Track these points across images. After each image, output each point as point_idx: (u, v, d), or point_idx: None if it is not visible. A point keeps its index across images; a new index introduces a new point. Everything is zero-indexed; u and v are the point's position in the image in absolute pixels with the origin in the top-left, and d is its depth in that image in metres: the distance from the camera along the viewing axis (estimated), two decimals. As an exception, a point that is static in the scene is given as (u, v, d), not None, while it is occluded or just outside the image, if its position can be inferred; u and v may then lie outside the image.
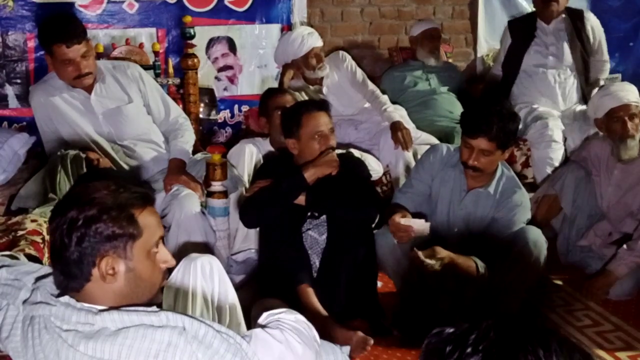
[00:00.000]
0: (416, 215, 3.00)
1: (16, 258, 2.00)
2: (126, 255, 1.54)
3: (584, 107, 4.20)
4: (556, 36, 4.33)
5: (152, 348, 1.44)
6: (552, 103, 4.30)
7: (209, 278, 2.17)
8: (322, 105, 3.10)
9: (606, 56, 4.49)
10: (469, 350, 0.93)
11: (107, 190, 1.58)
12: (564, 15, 4.33)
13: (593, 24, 4.42)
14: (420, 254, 2.76)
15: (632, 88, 3.58)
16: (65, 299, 1.53)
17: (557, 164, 3.99)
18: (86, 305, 1.51)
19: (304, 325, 1.72)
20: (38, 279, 1.65)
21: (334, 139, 3.07)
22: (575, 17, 4.34)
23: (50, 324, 1.51)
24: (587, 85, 4.34)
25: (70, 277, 1.53)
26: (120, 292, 1.55)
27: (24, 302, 1.59)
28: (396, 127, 3.88)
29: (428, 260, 2.75)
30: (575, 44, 4.30)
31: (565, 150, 4.09)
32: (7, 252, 2.14)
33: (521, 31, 4.41)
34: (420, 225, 2.89)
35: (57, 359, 1.49)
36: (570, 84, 4.32)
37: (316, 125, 3.00)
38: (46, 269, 1.74)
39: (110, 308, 1.51)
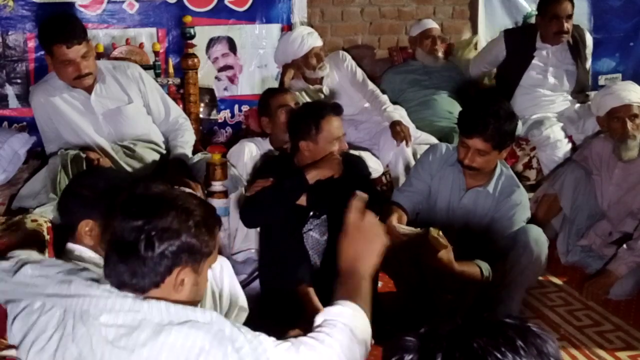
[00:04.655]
0: (413, 223, 2.98)
1: None
2: (198, 270, 1.55)
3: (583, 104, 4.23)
4: (559, 59, 4.30)
5: (195, 347, 1.43)
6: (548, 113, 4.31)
7: (219, 279, 2.17)
8: (338, 110, 3.09)
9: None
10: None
11: (197, 200, 1.60)
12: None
13: (589, 39, 4.44)
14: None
15: (636, 88, 3.56)
16: (107, 287, 1.50)
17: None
18: (130, 294, 1.49)
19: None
20: (69, 272, 1.64)
21: (345, 142, 3.09)
22: (577, 39, 4.30)
23: (87, 317, 1.49)
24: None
25: (140, 278, 1.50)
26: (180, 302, 1.52)
27: (52, 296, 1.57)
28: (395, 124, 3.89)
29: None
30: (577, 69, 4.30)
31: (574, 142, 4.09)
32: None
33: (519, 47, 4.36)
34: (412, 232, 2.85)
35: (91, 354, 1.47)
36: (565, 103, 4.33)
37: (335, 131, 2.99)
38: (70, 265, 1.73)
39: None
